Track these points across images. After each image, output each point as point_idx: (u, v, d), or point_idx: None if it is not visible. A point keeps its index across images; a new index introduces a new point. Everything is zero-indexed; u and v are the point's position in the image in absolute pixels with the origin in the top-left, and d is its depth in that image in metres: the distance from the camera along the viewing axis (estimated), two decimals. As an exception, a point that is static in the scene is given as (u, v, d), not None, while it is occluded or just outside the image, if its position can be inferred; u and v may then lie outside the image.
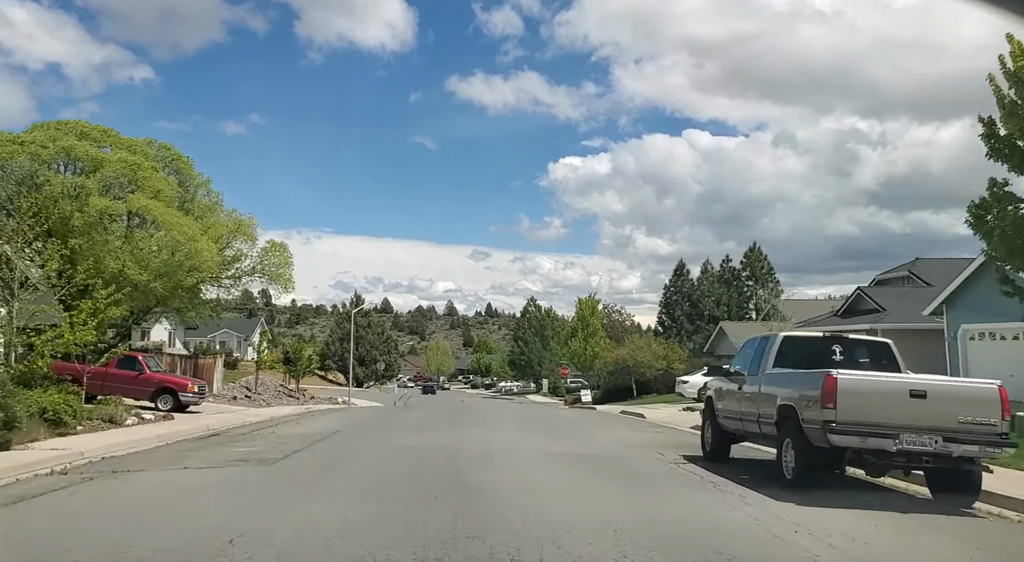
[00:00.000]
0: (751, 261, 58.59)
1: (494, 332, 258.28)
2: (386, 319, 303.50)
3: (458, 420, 21.64)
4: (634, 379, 41.13)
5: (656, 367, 41.21)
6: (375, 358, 78.55)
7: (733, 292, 57.40)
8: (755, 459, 12.23)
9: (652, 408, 30.82)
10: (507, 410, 33.82)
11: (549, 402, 71.88)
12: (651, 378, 41.17)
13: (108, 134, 29.93)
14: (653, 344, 42.78)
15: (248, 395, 38.57)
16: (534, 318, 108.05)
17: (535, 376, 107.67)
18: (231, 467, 10.26)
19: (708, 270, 59.23)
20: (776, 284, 58.31)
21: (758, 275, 58.11)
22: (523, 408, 38.79)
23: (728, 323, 49.32)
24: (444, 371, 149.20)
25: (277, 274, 33.36)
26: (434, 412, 29.45)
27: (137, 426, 17.84)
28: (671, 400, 36.62)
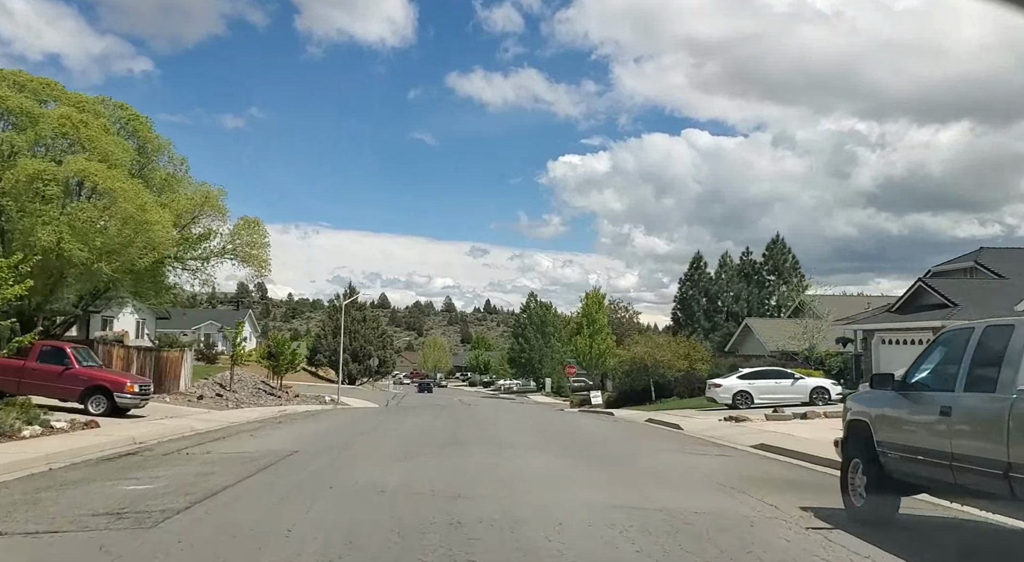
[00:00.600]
0: (773, 254, 54.32)
1: (492, 329, 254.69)
2: (383, 314, 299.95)
3: (460, 432, 17.31)
4: (652, 380, 36.88)
5: (677, 368, 36.95)
6: (369, 353, 74.20)
7: (754, 287, 53.15)
8: (939, 521, 7.91)
9: (683, 416, 26.53)
10: (515, 414, 29.56)
11: (553, 403, 67.65)
12: (671, 379, 36.91)
13: (51, 87, 25.55)
14: (673, 342, 38.50)
15: (220, 394, 34.25)
16: (535, 314, 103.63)
17: (536, 374, 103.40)
18: (64, 540, 5.95)
19: (727, 263, 54.97)
20: (801, 279, 54.01)
21: (781, 269, 53.84)
22: (531, 412, 34.49)
23: (755, 320, 45.04)
24: (441, 368, 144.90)
25: (251, 255, 29.04)
26: (430, 418, 25.24)
27: (34, 439, 13.53)
28: (698, 405, 32.34)
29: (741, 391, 28.20)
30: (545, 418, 26.10)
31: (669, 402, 35.94)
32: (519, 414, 29.02)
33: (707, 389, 29.74)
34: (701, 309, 53.09)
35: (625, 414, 31.04)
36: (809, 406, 26.67)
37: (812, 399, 27.82)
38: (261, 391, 40.97)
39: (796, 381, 28.26)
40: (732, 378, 28.89)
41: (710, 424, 22.22)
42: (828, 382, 28.45)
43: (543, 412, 34.09)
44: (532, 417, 26.97)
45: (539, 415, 28.98)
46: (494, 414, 27.79)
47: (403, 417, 25.02)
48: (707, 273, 54.41)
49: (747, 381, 28.45)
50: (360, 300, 79.66)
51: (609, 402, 39.33)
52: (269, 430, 17.59)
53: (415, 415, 26.00)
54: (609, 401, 39.39)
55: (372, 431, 18.06)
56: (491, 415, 26.97)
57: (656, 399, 36.97)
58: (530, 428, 19.71)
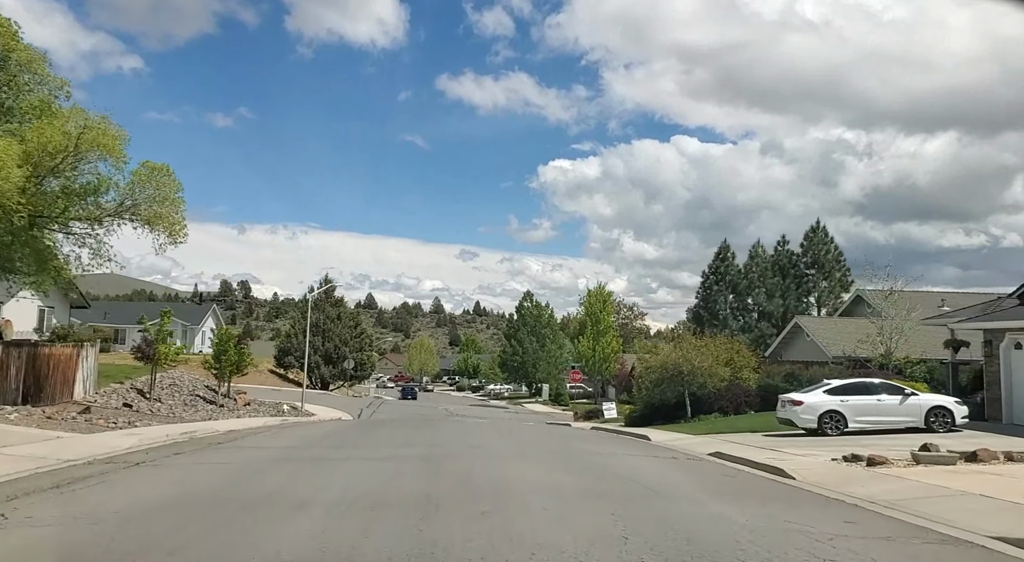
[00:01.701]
0: (813, 244, 46.73)
1: (482, 331, 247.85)
2: (369, 315, 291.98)
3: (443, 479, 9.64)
4: (688, 392, 29.11)
5: (719, 376, 29.19)
6: (344, 355, 66.10)
7: (791, 282, 45.59)
8: None
9: (755, 445, 18.72)
10: (522, 435, 21.71)
11: (552, 413, 59.72)
12: (712, 391, 29.16)
13: None
14: (712, 343, 30.69)
15: (129, 403, 26.22)
16: (530, 314, 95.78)
17: (529, 379, 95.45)
18: None
19: (758, 254, 47.36)
20: (845, 273, 46.40)
21: (821, 261, 46.24)
22: (540, 433, 26.56)
23: (808, 319, 37.29)
24: (428, 371, 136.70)
25: (157, 216, 21.09)
26: (404, 441, 17.47)
27: None
28: (754, 425, 24.59)
29: (830, 411, 20.45)
30: (570, 446, 18.16)
31: (711, 421, 28.13)
32: (526, 438, 21.11)
33: (780, 407, 21.94)
34: (728, 307, 45.42)
35: (663, 438, 23.21)
36: (928, 433, 18.98)
37: (929, 424, 20.11)
38: (198, 399, 32.99)
39: (906, 398, 20.52)
40: (817, 393, 21.10)
41: (827, 469, 14.42)
42: (950, 401, 20.69)
43: (553, 433, 26.20)
44: (545, 443, 19.06)
45: (552, 439, 21.07)
46: (494, 437, 19.89)
47: (368, 442, 17.13)
48: (735, 265, 46.80)
49: (837, 397, 20.70)
50: (338, 295, 71.52)
51: (631, 417, 31.50)
52: (126, 477, 9.71)
53: (386, 441, 18.05)
54: (631, 416, 31.57)
55: (310, 473, 10.34)
56: (489, 439, 19.07)
57: (692, 416, 29.17)
58: (557, 466, 11.83)
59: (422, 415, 43.10)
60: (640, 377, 30.18)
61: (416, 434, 20.47)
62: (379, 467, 11.67)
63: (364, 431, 22.04)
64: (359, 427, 26.35)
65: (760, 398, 30.16)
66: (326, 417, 38.76)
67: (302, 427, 26.56)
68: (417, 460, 12.43)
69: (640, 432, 25.74)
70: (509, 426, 29.50)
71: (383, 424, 29.30)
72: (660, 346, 32.78)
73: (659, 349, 31.10)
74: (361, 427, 26.30)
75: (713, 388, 29.33)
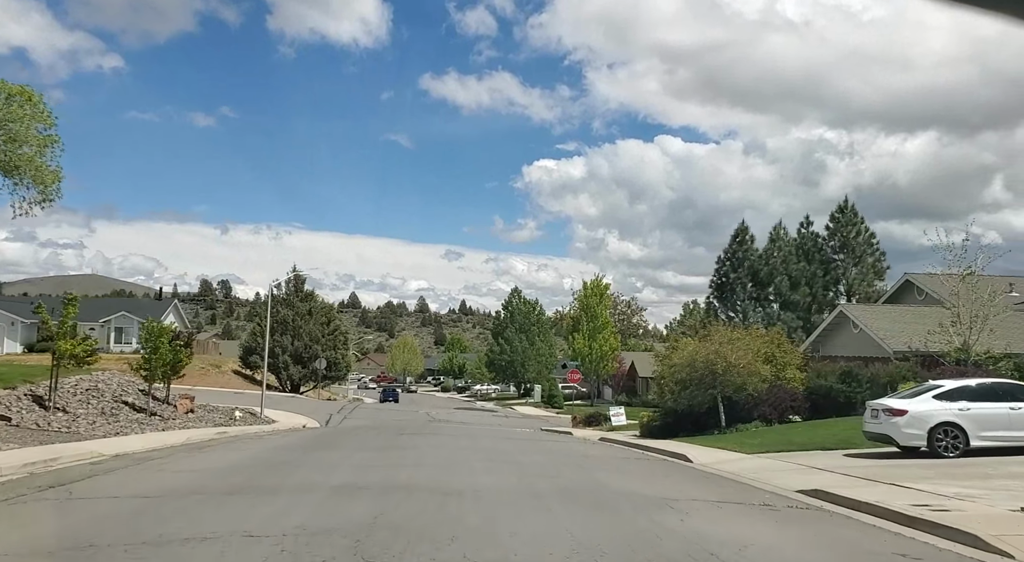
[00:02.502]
0: (841, 225, 41.26)
1: (468, 331, 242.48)
2: (353, 314, 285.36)
3: None
4: (721, 396, 23.49)
5: (760, 376, 23.58)
6: (315, 354, 60.09)
7: (817, 267, 40.15)
8: None
9: (880, 479, 13.04)
10: (522, 457, 15.97)
11: (545, 416, 54.03)
12: (751, 394, 23.58)
13: None
14: (747, 335, 25.07)
15: (5, 416, 20.28)
16: (518, 311, 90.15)
17: (518, 379, 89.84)
18: None
19: (780, 237, 41.87)
20: (879, 257, 40.97)
21: (851, 245, 40.84)
22: (542, 449, 20.75)
23: (856, 308, 31.69)
24: (411, 371, 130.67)
25: (15, 161, 15.23)
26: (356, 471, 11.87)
27: None
28: (828, 440, 19.04)
29: (946, 424, 14.84)
30: (593, 484, 12.39)
31: (754, 432, 22.55)
32: (532, 467, 15.34)
33: (869, 418, 16.33)
34: (747, 296, 39.90)
35: (707, 459, 17.55)
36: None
37: (1083, 441, 14.61)
38: (124, 406, 27.15)
39: (1053, 405, 14.98)
40: (925, 399, 15.48)
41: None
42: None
43: (560, 452, 20.43)
44: (559, 475, 13.33)
45: (567, 467, 15.30)
46: (482, 463, 14.16)
47: (283, 483, 11.34)
48: (754, 250, 41.30)
49: (953, 405, 15.12)
50: (309, 289, 65.49)
51: (650, 426, 25.80)
52: None
53: (321, 473, 12.24)
54: (649, 425, 25.85)
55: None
56: (476, 468, 13.36)
57: (727, 425, 23.57)
58: None
59: (399, 422, 37.34)
60: (662, 378, 24.51)
61: (380, 456, 14.71)
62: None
63: (314, 450, 16.26)
64: (315, 441, 20.58)
65: (810, 403, 24.64)
66: (288, 425, 33.02)
67: (242, 442, 20.76)
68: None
69: (670, 448, 20.06)
70: (501, 440, 23.76)
71: (346, 436, 23.54)
72: (684, 340, 27.21)
73: (683, 344, 25.46)
74: (317, 442, 20.53)
75: (753, 390, 23.74)
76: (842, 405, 24.10)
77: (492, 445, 19.97)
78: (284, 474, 11.53)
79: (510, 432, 30.49)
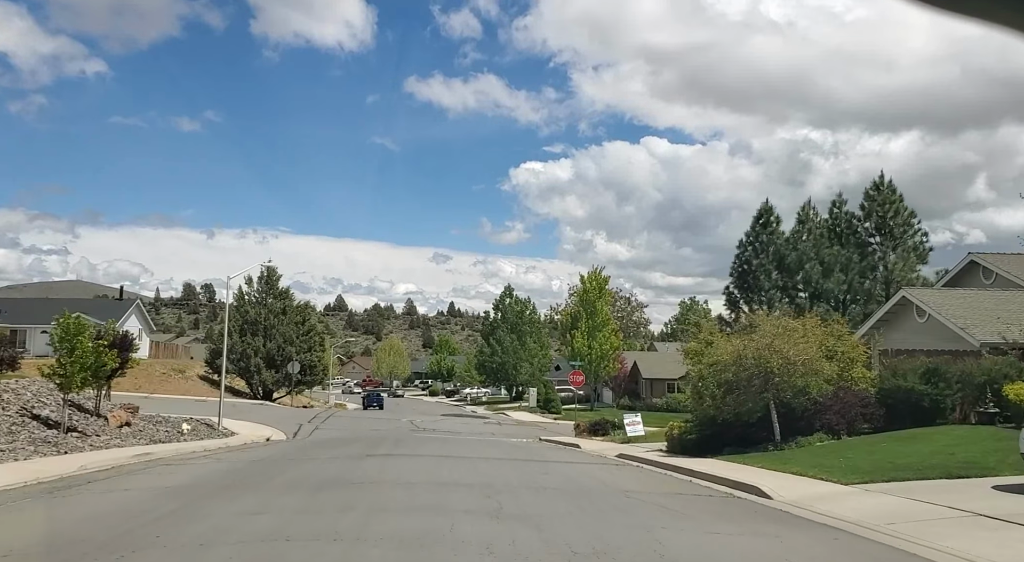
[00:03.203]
0: (877, 203, 36.29)
1: (457, 333, 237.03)
2: (340, 317, 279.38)
3: None
4: (774, 400, 18.48)
5: (824, 375, 18.56)
6: (289, 356, 54.73)
7: (852, 252, 35.29)
8: None
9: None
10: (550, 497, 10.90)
11: (543, 423, 48.93)
12: (816, 400, 18.57)
13: None
14: (803, 325, 20.01)
15: None
16: (510, 311, 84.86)
17: (510, 382, 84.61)
18: None
19: (810, 219, 36.91)
20: (922, 239, 36.08)
21: (888, 226, 35.98)
22: (568, 477, 15.52)
23: (924, 291, 26.67)
24: (398, 374, 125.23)
25: None
26: (271, 531, 6.88)
27: None
28: (952, 461, 14.13)
29: None
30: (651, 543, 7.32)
31: (821, 447, 17.56)
32: (544, 503, 10.26)
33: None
34: (773, 285, 34.95)
35: (793, 494, 12.51)
36: None
37: None
38: (32, 421, 22.00)
39: None
40: None
41: None
42: None
43: (577, 475, 15.32)
44: (598, 529, 8.30)
45: (602, 506, 10.26)
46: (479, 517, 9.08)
47: None
48: (780, 233, 36.40)
49: None
50: (283, 286, 60.08)
51: (683, 440, 20.66)
52: None
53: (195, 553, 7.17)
54: (684, 438, 20.70)
55: None
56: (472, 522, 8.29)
57: (783, 440, 18.53)
58: None
59: (376, 434, 32.18)
60: (701, 379, 19.38)
61: (314, 504, 9.57)
62: None
63: (224, 493, 11.12)
64: (243, 473, 15.39)
65: (885, 410, 19.64)
66: (247, 438, 27.92)
67: (144, 474, 15.50)
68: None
69: (727, 473, 14.97)
70: (499, 462, 18.62)
71: (298, 459, 18.41)
72: (723, 334, 22.20)
73: (721, 338, 20.37)
74: (246, 473, 15.33)
75: (817, 394, 18.72)
76: (925, 411, 19.12)
77: (488, 472, 14.84)
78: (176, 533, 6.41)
79: (508, 447, 25.38)
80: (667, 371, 61.40)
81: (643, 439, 27.37)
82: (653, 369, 61.84)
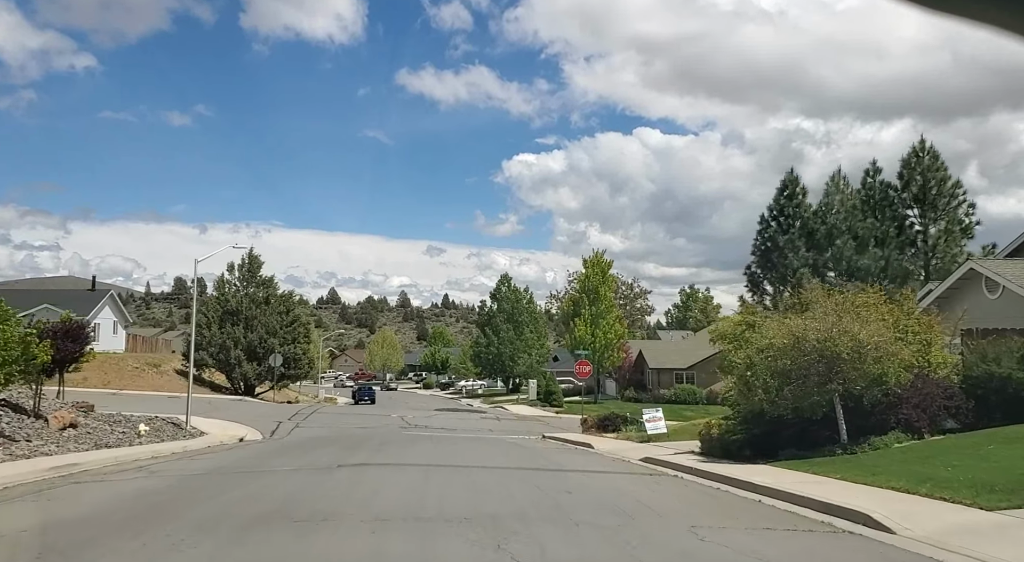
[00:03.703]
0: (917, 170, 32.72)
1: (452, 325, 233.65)
2: (333, 310, 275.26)
3: None
4: (838, 393, 14.96)
5: (902, 361, 15.03)
6: (272, 348, 51.04)
7: (888, 225, 31.75)
8: None
9: None
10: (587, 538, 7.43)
11: (544, 417, 45.42)
12: (890, 391, 15.06)
13: None
14: (874, 298, 16.44)
15: None
16: (507, 300, 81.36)
17: (507, 374, 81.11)
18: None
19: (840, 190, 33.28)
20: (969, 210, 32.50)
21: (928, 197, 32.43)
22: (602, 502, 11.98)
23: (997, 262, 23.06)
24: (392, 367, 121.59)
25: None
26: None
27: None
28: None
29: None
30: None
31: (904, 449, 14.09)
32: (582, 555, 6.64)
33: None
34: (800, 262, 31.39)
35: (926, 524, 9.00)
36: None
37: None
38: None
39: None
40: None
41: None
42: None
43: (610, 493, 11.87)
44: None
45: None
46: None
47: None
48: (807, 205, 32.86)
49: None
50: (266, 274, 56.31)
51: (724, 440, 17.10)
52: None
53: None
54: (725, 438, 17.14)
55: None
56: None
57: (849, 440, 14.98)
58: None
59: (361, 433, 28.62)
60: (751, 367, 15.78)
61: (251, 555, 6.00)
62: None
63: (122, 536, 7.57)
64: (190, 488, 11.86)
65: (974, 401, 16.10)
66: (217, 439, 24.29)
67: (68, 491, 11.91)
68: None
69: (795, 486, 11.42)
70: (502, 472, 15.07)
71: (263, 468, 14.88)
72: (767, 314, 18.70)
73: (778, 319, 16.77)
74: (188, 490, 11.80)
75: (895, 384, 15.17)
76: (1022, 402, 15.61)
77: (491, 488, 11.27)
78: None
79: (510, 448, 21.82)
80: (674, 360, 57.97)
81: (665, 437, 23.84)
82: (659, 358, 58.36)
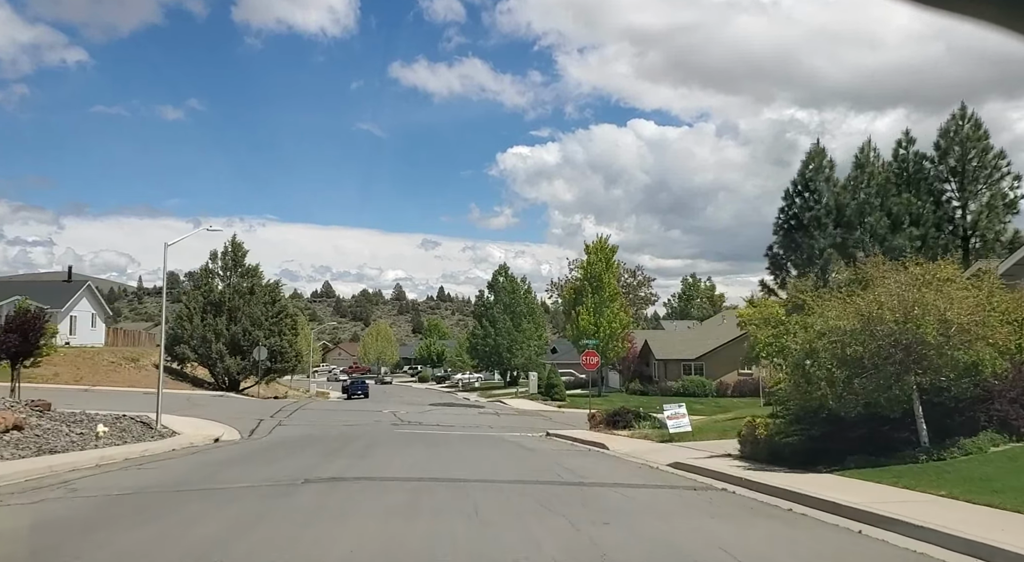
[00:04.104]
0: (955, 141, 29.91)
1: (447, 318, 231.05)
2: (327, 304, 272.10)
3: None
4: (917, 386, 12.23)
5: (999, 346, 12.26)
6: (256, 340, 48.10)
7: (926, 200, 28.97)
8: None
9: None
10: None
11: (545, 412, 42.65)
12: (997, 381, 12.30)
13: None
14: (957, 272, 13.66)
15: None
16: (504, 291, 78.39)
17: (504, 367, 78.29)
18: None
19: (870, 163, 30.39)
20: (1014, 183, 29.67)
21: (967, 170, 29.68)
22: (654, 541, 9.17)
23: None
24: (386, 360, 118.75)
25: None
26: None
27: None
28: None
29: None
30: None
31: (998, 455, 11.33)
32: None
33: None
34: (827, 241, 28.59)
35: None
36: None
37: None
38: None
39: None
40: None
41: None
42: None
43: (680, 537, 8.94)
44: None
45: None
46: None
47: None
48: (835, 179, 29.99)
49: None
50: (251, 263, 53.34)
51: (773, 445, 14.27)
52: None
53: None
54: (774, 440, 14.29)
55: None
56: None
57: (933, 446, 12.17)
58: None
59: (351, 429, 25.82)
60: (813, 354, 12.91)
61: None
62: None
63: None
64: (95, 519, 9.05)
65: (1082, 394, 13.26)
66: (189, 440, 21.46)
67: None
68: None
69: (897, 508, 8.60)
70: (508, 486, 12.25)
71: (214, 483, 12.08)
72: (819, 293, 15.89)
73: (843, 298, 13.88)
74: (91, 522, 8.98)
75: (990, 375, 12.35)
76: None
77: (497, 521, 8.46)
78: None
79: (514, 451, 18.99)
80: (681, 351, 55.18)
81: (689, 436, 21.02)
82: (666, 349, 55.57)
